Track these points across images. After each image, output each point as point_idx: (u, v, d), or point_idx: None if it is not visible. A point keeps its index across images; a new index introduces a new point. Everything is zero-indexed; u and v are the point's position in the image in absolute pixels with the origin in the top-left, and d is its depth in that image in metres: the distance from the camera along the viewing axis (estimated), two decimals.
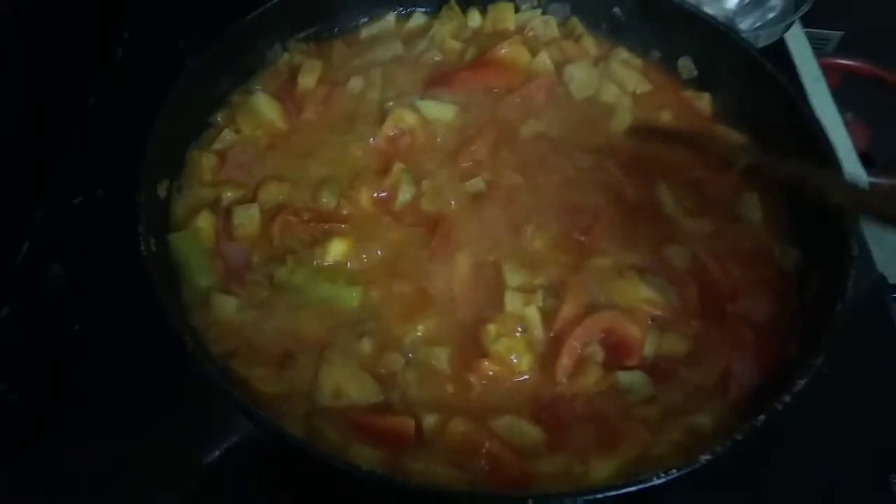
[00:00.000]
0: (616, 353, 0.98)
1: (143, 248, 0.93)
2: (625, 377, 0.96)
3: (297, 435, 0.84)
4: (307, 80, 1.23)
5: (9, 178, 1.27)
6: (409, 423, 0.90)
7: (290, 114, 1.21)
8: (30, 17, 1.35)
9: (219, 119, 1.19)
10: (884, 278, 1.27)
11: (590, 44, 1.32)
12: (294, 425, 0.89)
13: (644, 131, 1.19)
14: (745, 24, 1.62)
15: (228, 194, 1.09)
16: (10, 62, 1.29)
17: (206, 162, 1.12)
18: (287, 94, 1.23)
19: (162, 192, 1.06)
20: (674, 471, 0.78)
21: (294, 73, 1.25)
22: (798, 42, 1.81)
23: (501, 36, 1.31)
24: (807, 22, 1.90)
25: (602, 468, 0.88)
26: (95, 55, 1.54)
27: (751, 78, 1.18)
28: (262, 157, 1.15)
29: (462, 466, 0.88)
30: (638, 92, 1.27)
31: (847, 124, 1.79)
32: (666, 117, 1.24)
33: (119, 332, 1.13)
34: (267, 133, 1.18)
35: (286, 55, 1.28)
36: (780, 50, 1.68)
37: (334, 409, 0.92)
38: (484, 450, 0.89)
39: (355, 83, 1.23)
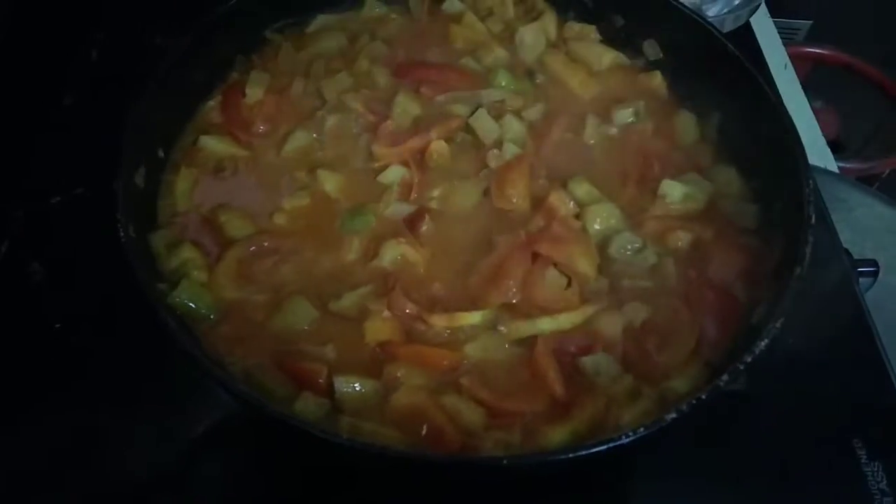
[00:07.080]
0: (584, 351, 0.97)
1: (122, 234, 0.95)
2: (589, 362, 0.94)
3: (280, 410, 0.84)
4: (254, 92, 1.21)
5: None
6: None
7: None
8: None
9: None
10: (848, 253, 1.30)
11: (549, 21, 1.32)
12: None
13: None
14: (712, 12, 1.66)
15: None
16: None
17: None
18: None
19: (139, 180, 1.07)
20: (641, 429, 0.78)
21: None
22: (765, 30, 1.85)
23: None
24: (775, 11, 1.94)
25: (553, 438, 0.87)
26: (68, 55, 1.54)
27: (714, 60, 1.18)
28: None
29: (406, 431, 0.88)
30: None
31: (817, 111, 1.83)
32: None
33: (98, 325, 1.15)
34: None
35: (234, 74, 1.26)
36: (747, 38, 1.71)
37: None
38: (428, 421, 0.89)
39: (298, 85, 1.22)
